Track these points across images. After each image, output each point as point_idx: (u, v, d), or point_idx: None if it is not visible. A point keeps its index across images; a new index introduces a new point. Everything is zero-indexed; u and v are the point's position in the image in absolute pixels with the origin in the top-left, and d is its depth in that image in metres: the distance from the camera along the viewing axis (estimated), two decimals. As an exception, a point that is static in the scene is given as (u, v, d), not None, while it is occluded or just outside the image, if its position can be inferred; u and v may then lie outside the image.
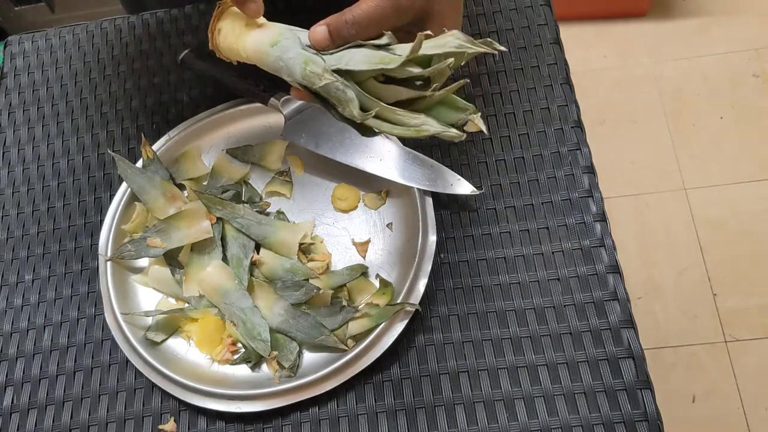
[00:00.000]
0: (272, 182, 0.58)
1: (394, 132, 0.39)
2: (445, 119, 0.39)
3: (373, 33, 0.40)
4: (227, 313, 0.52)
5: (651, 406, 0.47)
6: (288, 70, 0.41)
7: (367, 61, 0.37)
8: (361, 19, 0.39)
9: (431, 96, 0.38)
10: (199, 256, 0.54)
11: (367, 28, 0.40)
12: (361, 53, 0.38)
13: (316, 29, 0.41)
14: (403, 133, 0.38)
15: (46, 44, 0.71)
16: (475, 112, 0.39)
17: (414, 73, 0.37)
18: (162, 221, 0.54)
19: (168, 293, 0.55)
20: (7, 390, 0.54)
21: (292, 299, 0.51)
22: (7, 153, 0.66)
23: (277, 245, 0.54)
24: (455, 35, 0.37)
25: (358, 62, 0.38)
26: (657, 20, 1.54)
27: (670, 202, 1.34)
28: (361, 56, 0.38)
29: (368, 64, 0.37)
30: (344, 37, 0.40)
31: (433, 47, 0.37)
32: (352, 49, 0.39)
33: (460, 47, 0.36)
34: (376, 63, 0.37)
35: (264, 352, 0.50)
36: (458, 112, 0.39)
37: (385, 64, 0.37)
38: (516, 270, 0.52)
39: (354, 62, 0.38)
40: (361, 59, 0.38)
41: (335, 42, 0.40)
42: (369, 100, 0.38)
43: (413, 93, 0.38)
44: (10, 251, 0.60)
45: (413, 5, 0.40)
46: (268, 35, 0.42)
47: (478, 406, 0.48)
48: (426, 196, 0.53)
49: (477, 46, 0.37)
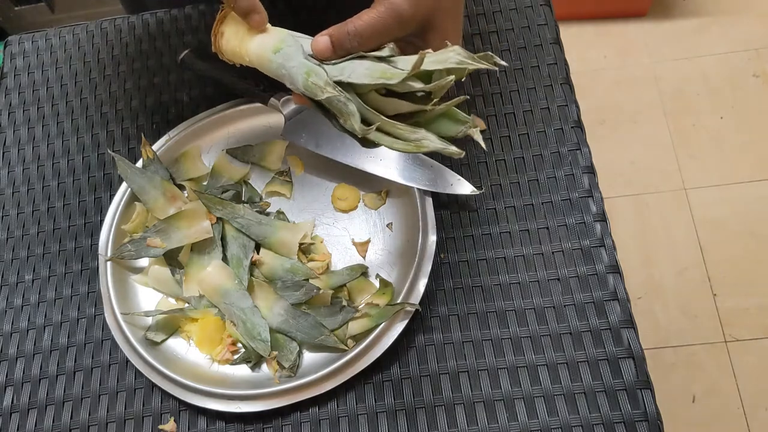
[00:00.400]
0: (272, 182, 0.58)
1: (394, 146, 0.39)
2: (445, 131, 0.39)
3: (375, 44, 0.40)
4: (227, 313, 0.52)
5: (651, 406, 0.47)
6: (290, 78, 0.41)
7: (369, 75, 0.38)
8: (363, 30, 0.39)
9: (432, 110, 0.38)
10: (199, 256, 0.54)
11: (369, 39, 0.40)
12: (363, 66, 0.38)
13: (319, 39, 0.40)
14: (402, 148, 0.39)
15: (46, 44, 0.71)
16: (474, 126, 0.39)
17: (415, 89, 0.37)
18: (162, 221, 0.54)
19: (168, 293, 0.55)
20: (7, 390, 0.54)
21: (292, 299, 0.51)
22: (7, 153, 0.66)
23: (277, 245, 0.54)
24: (456, 51, 0.37)
25: (360, 75, 0.38)
26: (657, 20, 1.54)
27: (670, 202, 1.34)
28: (363, 69, 0.38)
29: (370, 78, 0.38)
30: (346, 48, 0.40)
31: (434, 62, 0.37)
32: (355, 61, 0.39)
33: (461, 63, 0.37)
34: (377, 78, 0.37)
35: (264, 352, 0.50)
36: (458, 124, 0.40)
37: (387, 79, 0.37)
38: (516, 270, 0.52)
39: (356, 75, 0.38)
40: (363, 72, 0.38)
41: (337, 53, 0.40)
42: (370, 113, 0.38)
43: (414, 107, 0.38)
44: (10, 251, 0.60)
45: (415, 17, 0.40)
46: (271, 41, 0.41)
47: (478, 406, 0.48)
48: (426, 196, 0.53)
49: (478, 63, 0.37)
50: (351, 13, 0.46)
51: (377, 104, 0.39)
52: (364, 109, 0.39)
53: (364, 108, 0.38)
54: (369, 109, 0.38)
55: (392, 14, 0.39)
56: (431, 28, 0.42)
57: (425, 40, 0.42)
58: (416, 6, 0.40)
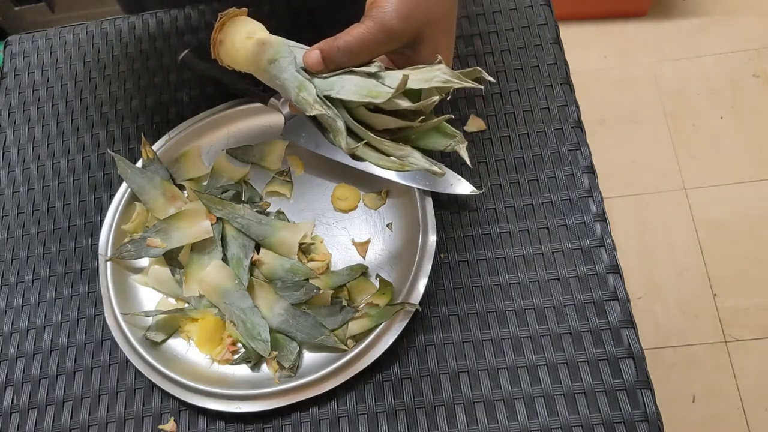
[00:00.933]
0: (272, 182, 0.58)
1: (379, 163, 0.39)
2: (433, 145, 0.40)
3: (366, 59, 0.41)
4: (227, 313, 0.52)
5: (651, 406, 0.47)
6: (283, 90, 0.42)
7: (357, 93, 0.38)
8: (353, 45, 0.40)
9: (419, 126, 0.39)
10: (199, 256, 0.54)
11: (358, 54, 0.40)
12: (352, 82, 0.39)
13: (310, 54, 0.41)
14: (388, 166, 0.39)
15: (46, 44, 0.71)
16: (462, 141, 0.40)
17: (401, 107, 0.38)
18: (162, 221, 0.54)
19: (168, 293, 0.55)
20: (7, 390, 0.54)
21: (292, 299, 0.51)
22: (7, 153, 0.66)
23: (277, 245, 0.54)
24: (442, 69, 0.39)
25: (348, 92, 0.39)
26: (657, 20, 1.54)
27: (670, 202, 1.33)
28: (352, 86, 0.39)
29: (357, 95, 0.38)
30: (336, 62, 0.40)
31: (420, 81, 0.38)
32: (345, 76, 0.39)
33: (447, 82, 0.38)
34: (365, 95, 0.38)
35: (264, 352, 0.50)
36: (447, 138, 0.40)
37: (373, 97, 0.38)
38: (516, 270, 0.52)
39: (344, 92, 0.39)
40: (351, 89, 0.39)
41: (328, 67, 0.40)
42: (358, 129, 0.39)
43: (401, 123, 0.39)
44: (10, 251, 0.60)
45: (404, 31, 0.40)
46: (267, 52, 0.42)
47: (478, 406, 0.48)
48: (426, 196, 0.53)
49: (463, 81, 0.38)
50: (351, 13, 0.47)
51: (365, 119, 0.40)
52: (352, 124, 0.39)
53: (352, 122, 0.39)
54: (357, 125, 0.39)
55: (381, 29, 0.39)
56: (422, 41, 0.42)
57: (416, 52, 0.42)
58: (406, 21, 0.40)
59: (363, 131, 0.39)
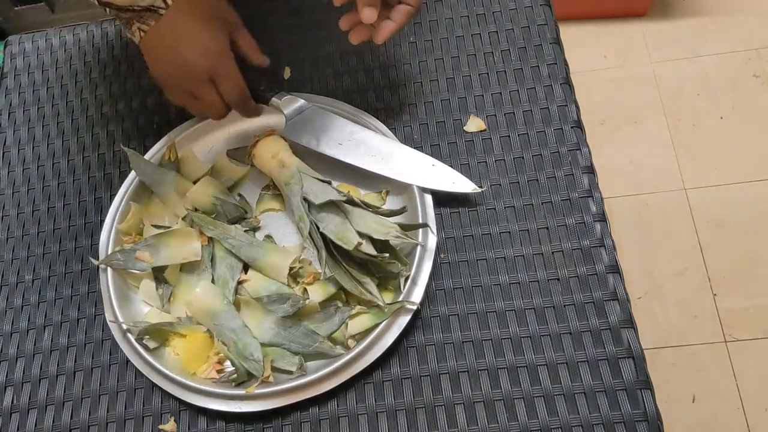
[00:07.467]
0: (261, 200, 0.58)
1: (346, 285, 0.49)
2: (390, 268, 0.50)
3: None
4: (217, 334, 0.51)
5: (651, 406, 0.47)
6: (291, 209, 0.54)
7: (335, 234, 0.49)
8: None
9: (381, 259, 0.49)
10: (188, 275, 0.54)
11: None
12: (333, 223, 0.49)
13: None
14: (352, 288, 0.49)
15: (46, 44, 0.71)
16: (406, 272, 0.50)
17: (364, 253, 0.48)
18: (153, 236, 0.54)
19: (158, 307, 0.54)
20: (7, 390, 0.54)
21: (281, 312, 0.51)
22: (7, 153, 0.66)
23: (266, 268, 0.53)
24: (396, 230, 0.49)
25: (330, 232, 0.49)
26: (657, 20, 1.54)
27: (670, 202, 1.33)
28: (333, 227, 0.49)
29: (335, 236, 0.48)
30: None
31: (378, 233, 0.49)
32: (332, 215, 0.50)
33: (397, 238, 0.49)
34: (339, 238, 0.48)
35: (257, 372, 0.49)
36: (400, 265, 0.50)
37: (344, 243, 0.48)
38: (516, 270, 0.52)
39: (328, 230, 0.49)
40: (332, 230, 0.49)
41: None
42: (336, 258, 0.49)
43: (365, 257, 0.49)
44: (10, 251, 0.60)
45: None
46: (284, 174, 0.53)
47: (478, 406, 0.48)
48: (426, 195, 0.53)
49: (411, 239, 0.49)
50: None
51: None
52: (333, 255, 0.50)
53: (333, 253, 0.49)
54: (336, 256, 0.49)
55: None
56: None
57: None
58: None
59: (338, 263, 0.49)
